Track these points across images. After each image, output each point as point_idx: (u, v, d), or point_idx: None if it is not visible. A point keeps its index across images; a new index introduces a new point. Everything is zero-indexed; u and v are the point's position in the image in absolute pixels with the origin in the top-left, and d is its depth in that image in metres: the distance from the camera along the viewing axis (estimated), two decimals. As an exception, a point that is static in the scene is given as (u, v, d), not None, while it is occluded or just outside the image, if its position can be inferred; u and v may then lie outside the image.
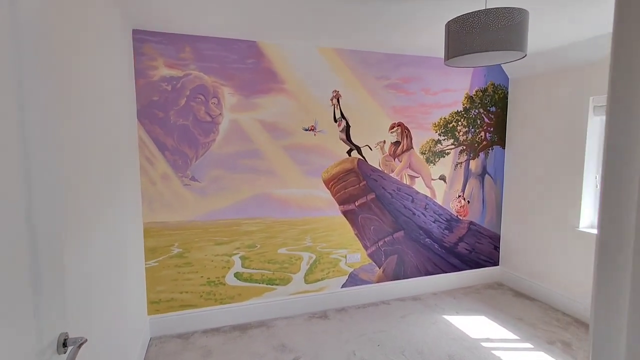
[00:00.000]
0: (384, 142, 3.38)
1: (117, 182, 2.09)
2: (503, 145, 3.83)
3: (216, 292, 3.00)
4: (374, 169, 3.36)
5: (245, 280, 3.07)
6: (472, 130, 3.69)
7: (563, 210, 3.25)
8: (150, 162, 2.75)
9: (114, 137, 2.02)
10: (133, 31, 2.62)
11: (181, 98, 2.78)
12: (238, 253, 3.04)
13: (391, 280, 3.52)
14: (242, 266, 3.06)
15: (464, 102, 3.62)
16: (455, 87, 3.56)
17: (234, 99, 2.91)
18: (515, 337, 2.86)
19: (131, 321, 2.31)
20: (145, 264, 2.81)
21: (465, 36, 1.76)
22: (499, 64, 2.69)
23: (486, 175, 3.81)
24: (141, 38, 2.64)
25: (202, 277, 2.96)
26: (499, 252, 3.93)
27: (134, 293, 2.44)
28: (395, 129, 3.40)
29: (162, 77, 2.72)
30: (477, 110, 3.68)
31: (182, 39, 2.73)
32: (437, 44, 3.00)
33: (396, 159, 3.44)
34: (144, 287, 2.79)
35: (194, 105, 2.82)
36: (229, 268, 3.02)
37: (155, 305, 2.85)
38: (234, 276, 3.04)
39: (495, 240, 3.91)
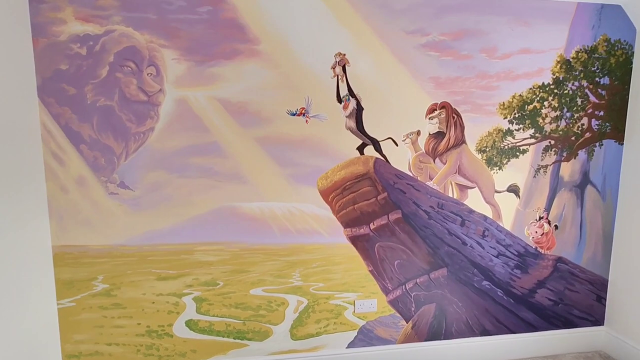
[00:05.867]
0: (418, 133, 2.20)
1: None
2: (621, 139, 2.40)
3: (160, 345, 2.11)
4: (400, 175, 2.21)
5: (203, 331, 2.14)
6: (568, 114, 2.32)
7: None
8: (59, 159, 1.92)
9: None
10: (27, -33, 1.78)
11: (101, 67, 1.89)
12: (191, 293, 2.11)
13: (425, 340, 2.35)
14: (198, 311, 2.12)
15: (555, 69, 2.27)
16: (540, 47, 2.23)
17: (181, 67, 1.95)
18: None
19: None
20: (58, 304, 2.00)
21: None
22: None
23: (588, 185, 2.42)
24: (38, -23, 1.79)
25: (138, 324, 2.08)
26: (604, 305, 2.53)
27: (38, 345, 1.78)
28: (436, 112, 2.20)
29: (73, 35, 1.85)
30: (577, 83, 2.30)
31: (101, -23, 1.83)
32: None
33: (437, 160, 2.24)
34: (56, 336, 1.99)
35: (121, 77, 1.91)
36: (178, 313, 2.11)
37: (74, 361, 2.04)
38: (186, 325, 2.12)
39: (599, 288, 2.51)
